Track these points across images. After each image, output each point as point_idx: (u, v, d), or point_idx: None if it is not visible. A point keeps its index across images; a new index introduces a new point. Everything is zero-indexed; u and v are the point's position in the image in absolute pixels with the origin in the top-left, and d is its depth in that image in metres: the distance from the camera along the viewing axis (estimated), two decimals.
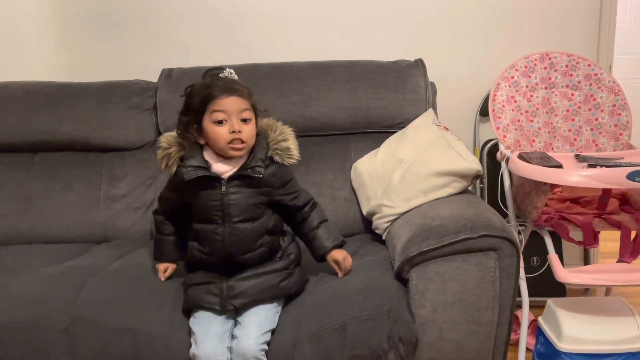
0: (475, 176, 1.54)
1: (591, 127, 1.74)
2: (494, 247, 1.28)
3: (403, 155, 1.66)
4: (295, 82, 1.86)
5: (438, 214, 1.38)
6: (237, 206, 1.30)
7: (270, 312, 1.28)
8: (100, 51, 2.21)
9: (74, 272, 1.46)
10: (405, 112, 1.85)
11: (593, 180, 1.33)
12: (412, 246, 1.30)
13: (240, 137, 1.26)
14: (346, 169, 1.82)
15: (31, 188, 1.84)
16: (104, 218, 1.82)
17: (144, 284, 1.40)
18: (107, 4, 2.18)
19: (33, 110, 1.87)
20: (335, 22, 2.15)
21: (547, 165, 1.42)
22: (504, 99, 1.71)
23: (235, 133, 1.26)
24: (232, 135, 1.26)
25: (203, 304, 1.27)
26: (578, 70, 1.74)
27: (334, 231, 1.43)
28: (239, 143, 1.27)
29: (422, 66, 1.89)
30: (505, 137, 1.67)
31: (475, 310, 1.28)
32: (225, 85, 1.27)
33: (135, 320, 1.28)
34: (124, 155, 1.90)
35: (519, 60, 1.75)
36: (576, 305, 1.50)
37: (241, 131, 1.27)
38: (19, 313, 1.30)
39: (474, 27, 2.13)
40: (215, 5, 2.16)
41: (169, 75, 1.93)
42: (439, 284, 1.28)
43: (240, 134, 1.26)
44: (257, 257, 1.33)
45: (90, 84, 1.94)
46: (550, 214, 1.58)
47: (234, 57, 2.11)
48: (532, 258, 2.02)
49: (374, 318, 1.23)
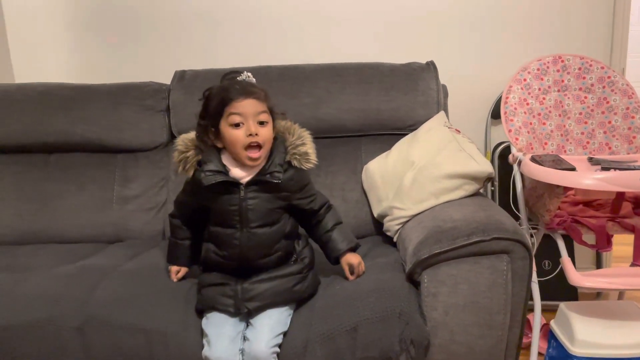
0: (487, 179, 1.54)
1: (604, 129, 1.73)
2: (506, 250, 1.28)
3: (414, 157, 1.66)
4: (307, 85, 1.87)
5: (450, 216, 1.38)
6: (256, 211, 1.30)
7: (282, 314, 1.28)
8: (114, 53, 2.23)
9: (88, 271, 1.47)
10: (417, 114, 1.85)
11: (606, 183, 1.32)
12: (423, 248, 1.30)
13: (257, 139, 1.26)
14: (357, 171, 1.82)
15: (45, 189, 1.86)
16: (117, 218, 1.84)
17: (157, 284, 1.41)
18: (121, 8, 2.20)
19: (48, 112, 1.89)
20: (347, 25, 2.16)
21: (559, 168, 1.41)
22: (516, 102, 1.71)
23: (252, 136, 1.26)
24: (249, 138, 1.26)
25: (217, 305, 1.28)
26: (591, 72, 1.74)
27: (348, 234, 1.43)
28: (256, 147, 1.27)
29: (434, 68, 1.89)
30: (518, 140, 1.67)
31: (487, 313, 1.27)
32: (242, 88, 1.28)
33: (148, 320, 1.29)
34: (136, 157, 1.91)
35: (531, 63, 1.75)
36: (589, 309, 1.49)
37: (258, 134, 1.26)
38: (35, 312, 1.32)
39: (485, 29, 2.13)
40: (228, 8, 2.18)
41: (182, 77, 1.94)
42: (451, 286, 1.28)
43: (257, 136, 1.26)
44: (274, 261, 1.33)
45: (103, 85, 1.96)
46: (563, 217, 1.57)
47: (246, 59, 2.12)
48: (544, 261, 2.01)
49: (385, 320, 1.23)
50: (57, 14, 2.23)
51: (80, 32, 2.24)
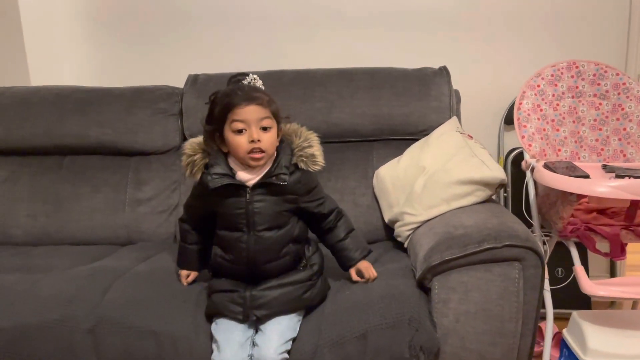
0: (500, 185, 1.53)
1: (619, 137, 1.71)
2: (518, 258, 1.27)
3: (426, 162, 1.65)
4: (319, 89, 1.87)
5: (461, 222, 1.37)
6: (262, 214, 1.30)
7: (292, 321, 1.28)
8: (128, 57, 2.26)
9: (100, 273, 1.49)
10: (429, 119, 1.84)
11: (621, 191, 1.31)
12: (434, 255, 1.29)
13: (259, 146, 1.26)
14: (369, 175, 1.82)
15: (60, 190, 1.88)
16: (129, 221, 1.85)
17: (168, 286, 1.42)
18: (136, 12, 2.23)
19: (63, 115, 1.91)
20: (359, 29, 2.16)
21: (573, 175, 1.40)
22: (529, 108, 1.70)
23: (255, 142, 1.25)
24: (252, 144, 1.25)
25: (226, 312, 1.28)
26: (606, 79, 1.72)
27: (361, 241, 1.43)
28: (258, 152, 1.27)
29: (447, 74, 1.88)
30: (531, 146, 1.66)
31: (498, 321, 1.27)
32: (244, 94, 1.27)
33: (158, 323, 1.30)
34: (149, 159, 1.93)
35: (545, 69, 1.74)
36: (602, 318, 1.47)
37: (260, 140, 1.26)
38: (48, 313, 1.33)
39: (499, 34, 2.12)
40: (241, 12, 2.19)
41: (195, 81, 1.96)
42: (462, 293, 1.27)
43: (259, 143, 1.26)
44: (282, 266, 1.33)
45: (117, 89, 1.98)
46: (577, 225, 1.55)
47: (260, 63, 2.13)
48: (557, 269, 1.99)
49: (395, 327, 1.22)
50: (73, 19, 2.26)
51: (95, 36, 2.27)
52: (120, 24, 2.25)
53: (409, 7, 2.13)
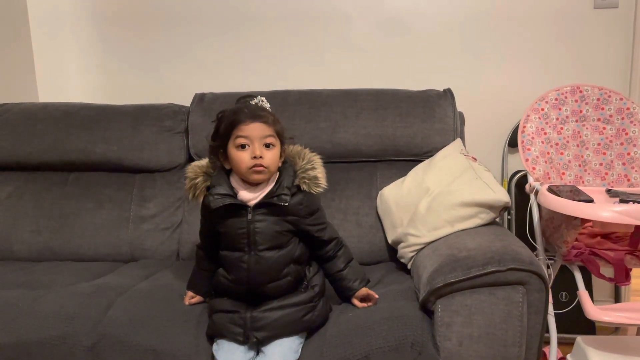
0: (503, 208, 1.52)
1: (623, 161, 1.71)
2: (522, 281, 1.26)
3: (430, 184, 1.65)
4: (324, 109, 1.89)
5: (465, 245, 1.37)
6: (263, 234, 1.30)
7: (294, 342, 1.27)
8: (135, 75, 2.29)
9: (102, 290, 1.48)
10: (433, 141, 1.85)
11: (625, 216, 1.30)
12: (438, 277, 1.29)
13: (261, 162, 1.27)
14: (372, 196, 1.82)
15: (64, 206, 1.89)
16: (133, 238, 1.85)
17: (170, 305, 1.41)
18: (144, 31, 2.27)
19: (69, 131, 1.93)
20: (364, 50, 2.19)
21: (577, 199, 1.40)
22: (533, 131, 1.70)
23: (257, 158, 1.26)
24: (254, 160, 1.27)
25: (226, 333, 1.27)
26: (610, 103, 1.73)
27: (359, 271, 1.42)
28: (260, 167, 1.27)
29: (451, 96, 1.90)
30: (535, 169, 1.66)
31: (501, 345, 1.25)
32: (250, 112, 1.29)
33: (159, 341, 1.29)
34: (154, 177, 1.94)
35: (549, 93, 1.75)
36: (606, 343, 1.46)
37: (262, 157, 1.27)
38: (49, 330, 1.32)
39: (503, 57, 2.14)
40: (249, 33, 2.23)
41: (201, 100, 1.97)
42: (465, 317, 1.26)
43: (261, 159, 1.27)
44: (283, 287, 1.32)
45: (124, 106, 2.00)
46: (581, 249, 1.54)
47: (266, 83, 2.16)
48: (561, 293, 1.98)
49: (398, 349, 1.21)
50: (82, 37, 2.30)
51: (103, 54, 2.31)
52: (129, 43, 2.28)
53: (414, 31, 2.16)
